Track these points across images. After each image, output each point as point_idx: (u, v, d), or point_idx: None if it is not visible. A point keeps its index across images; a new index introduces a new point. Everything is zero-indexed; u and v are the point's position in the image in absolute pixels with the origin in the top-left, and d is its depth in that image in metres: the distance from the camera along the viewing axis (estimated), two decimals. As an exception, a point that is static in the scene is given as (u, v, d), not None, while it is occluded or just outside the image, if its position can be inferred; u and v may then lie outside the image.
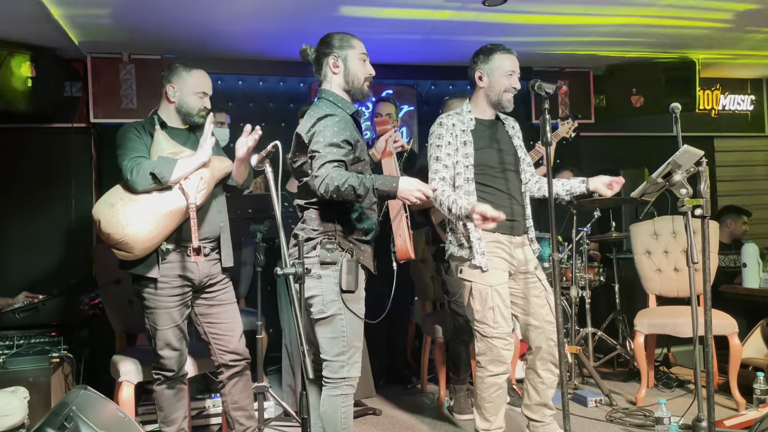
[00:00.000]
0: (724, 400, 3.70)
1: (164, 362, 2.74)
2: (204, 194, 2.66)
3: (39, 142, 4.41)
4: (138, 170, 2.55)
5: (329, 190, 2.31)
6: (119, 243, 2.55)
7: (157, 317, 2.69)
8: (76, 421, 2.02)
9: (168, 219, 2.59)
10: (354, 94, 2.56)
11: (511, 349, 2.77)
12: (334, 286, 2.42)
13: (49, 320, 3.61)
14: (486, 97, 2.85)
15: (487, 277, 2.72)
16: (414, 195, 2.34)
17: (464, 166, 2.76)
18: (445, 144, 2.78)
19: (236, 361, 2.88)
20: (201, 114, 2.78)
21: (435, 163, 2.79)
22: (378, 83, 5.06)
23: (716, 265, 4.15)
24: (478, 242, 2.72)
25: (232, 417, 2.91)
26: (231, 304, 2.89)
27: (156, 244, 2.62)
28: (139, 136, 2.69)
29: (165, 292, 2.68)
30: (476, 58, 2.86)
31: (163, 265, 2.66)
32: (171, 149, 2.67)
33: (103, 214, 2.56)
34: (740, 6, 3.87)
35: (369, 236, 2.54)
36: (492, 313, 2.72)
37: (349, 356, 2.45)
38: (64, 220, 4.42)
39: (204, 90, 2.79)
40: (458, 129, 2.79)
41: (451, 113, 2.87)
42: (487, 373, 2.77)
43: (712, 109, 5.77)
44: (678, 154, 2.49)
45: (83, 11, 3.51)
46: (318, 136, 2.39)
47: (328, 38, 2.56)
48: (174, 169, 2.57)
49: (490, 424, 2.83)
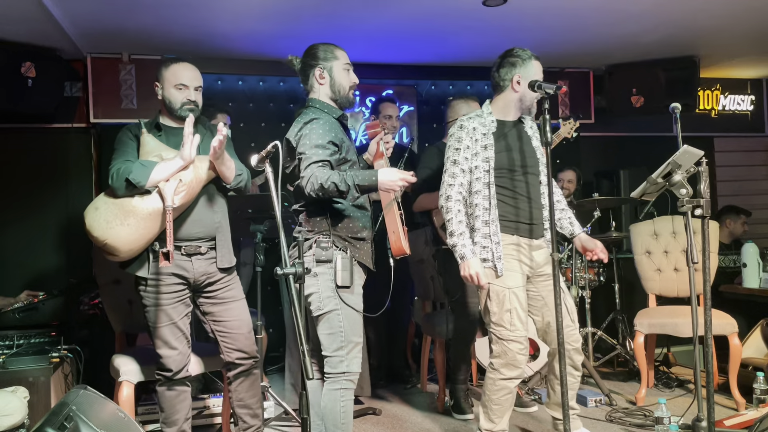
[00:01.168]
0: (724, 400, 3.70)
1: (162, 361, 2.74)
2: (184, 196, 2.63)
3: (39, 142, 4.41)
4: (117, 176, 2.58)
5: (314, 188, 2.42)
6: (103, 245, 2.60)
7: (152, 314, 2.72)
8: (76, 421, 2.03)
9: (149, 221, 2.60)
10: (341, 103, 2.67)
11: (526, 354, 2.77)
12: (329, 283, 2.49)
13: (49, 320, 3.61)
14: (518, 102, 2.84)
15: (505, 279, 2.73)
16: (397, 184, 2.47)
17: (484, 171, 2.76)
18: (464, 148, 2.79)
19: (243, 359, 2.86)
20: (186, 107, 2.75)
21: (452, 167, 2.80)
22: (378, 83, 5.06)
23: (716, 265, 4.16)
24: (497, 246, 2.73)
25: (237, 414, 2.92)
26: (237, 301, 2.89)
27: (141, 245, 2.64)
28: (131, 139, 2.73)
29: (160, 290, 2.69)
30: (513, 61, 2.82)
31: (154, 264, 2.68)
32: (158, 151, 2.68)
33: (89, 218, 2.61)
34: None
35: (363, 234, 2.60)
36: (509, 316, 2.71)
37: (347, 351, 2.50)
38: (64, 220, 4.42)
39: (182, 82, 2.74)
40: (479, 133, 2.78)
41: (472, 115, 2.86)
42: (500, 376, 2.75)
43: (712, 109, 5.77)
44: (678, 154, 2.50)
45: (83, 11, 3.51)
46: (304, 138, 2.50)
47: (313, 50, 2.65)
48: (150, 173, 2.58)
49: (494, 425, 2.81)
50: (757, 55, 5.05)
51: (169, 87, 2.75)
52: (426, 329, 3.99)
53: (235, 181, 2.83)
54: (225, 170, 2.76)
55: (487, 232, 2.73)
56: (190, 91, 2.77)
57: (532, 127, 2.95)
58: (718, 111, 5.79)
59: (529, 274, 2.81)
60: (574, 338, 2.84)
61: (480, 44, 4.46)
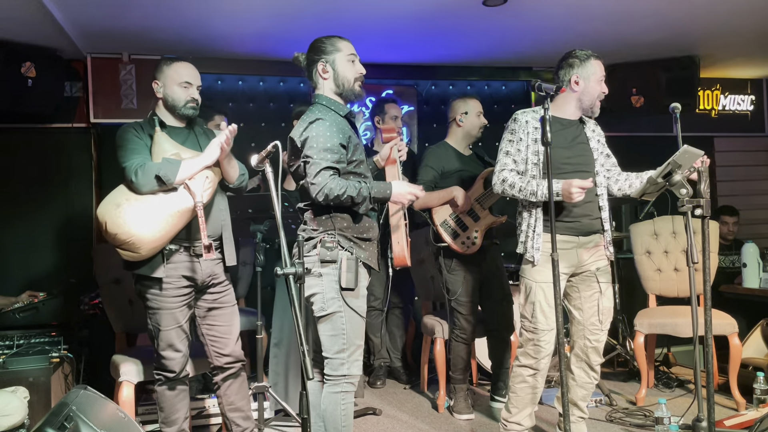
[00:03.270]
0: (724, 400, 3.70)
1: (166, 363, 2.74)
2: (209, 193, 2.68)
3: (39, 142, 4.41)
4: (142, 172, 2.55)
5: (328, 199, 2.39)
6: (125, 243, 2.54)
7: (160, 318, 2.69)
8: (76, 421, 2.02)
9: (176, 219, 2.60)
10: (346, 96, 2.59)
11: (545, 348, 2.83)
12: (334, 284, 2.45)
13: (49, 320, 3.61)
14: (578, 101, 2.90)
15: (534, 272, 2.82)
16: (407, 198, 2.52)
17: (532, 163, 2.83)
18: (517, 140, 2.87)
19: (231, 363, 2.89)
20: (189, 105, 2.77)
21: (504, 157, 2.89)
22: (378, 83, 5.06)
23: (716, 265, 4.15)
24: (537, 237, 2.80)
25: (229, 418, 2.92)
26: (230, 307, 2.90)
27: (163, 244, 2.62)
28: (138, 136, 2.69)
29: (169, 293, 2.68)
30: (571, 62, 2.88)
31: (167, 266, 2.67)
32: (173, 150, 2.67)
33: (109, 215, 2.54)
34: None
35: (369, 234, 2.56)
36: (532, 308, 2.83)
37: (349, 354, 2.47)
38: (64, 220, 4.42)
39: (186, 80, 2.76)
40: (531, 126, 2.85)
41: (527, 110, 2.93)
42: (517, 363, 2.91)
43: (712, 109, 5.77)
44: (678, 154, 2.49)
45: (83, 11, 3.51)
46: (311, 141, 2.43)
47: (316, 43, 2.59)
48: (178, 170, 2.58)
49: (510, 415, 2.93)
50: (757, 55, 5.05)
51: (172, 85, 2.74)
52: (426, 329, 3.99)
53: (237, 180, 2.84)
54: (230, 169, 2.78)
55: (530, 222, 2.83)
56: (193, 90, 2.78)
57: (594, 130, 3.01)
58: (718, 111, 5.79)
59: (567, 271, 2.86)
60: (596, 338, 2.92)
61: (480, 44, 4.46)
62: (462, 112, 3.66)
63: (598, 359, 2.94)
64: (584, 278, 2.92)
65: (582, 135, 2.94)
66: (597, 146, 2.97)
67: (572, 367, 2.96)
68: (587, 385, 2.96)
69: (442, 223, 3.54)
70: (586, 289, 2.92)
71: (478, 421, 3.55)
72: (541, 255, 2.80)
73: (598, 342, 2.92)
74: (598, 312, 2.90)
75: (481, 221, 3.54)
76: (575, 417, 2.97)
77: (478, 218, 3.54)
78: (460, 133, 3.70)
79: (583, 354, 2.93)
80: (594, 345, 2.91)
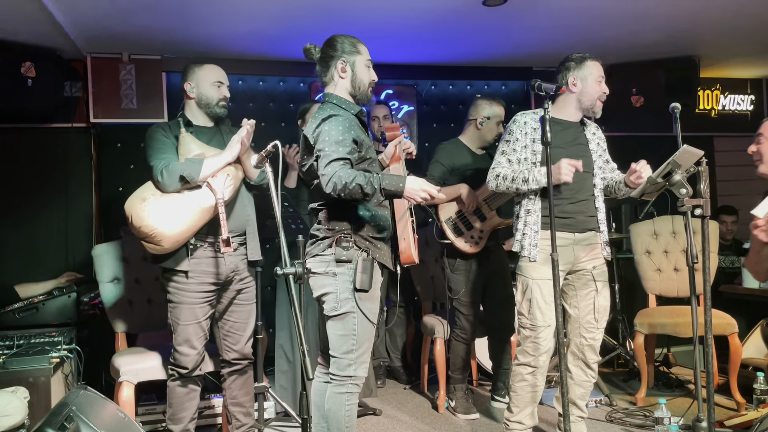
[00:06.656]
0: (724, 400, 3.70)
1: (180, 358, 2.79)
2: (231, 190, 2.77)
3: (39, 142, 4.41)
4: (167, 173, 2.67)
5: (337, 188, 2.33)
6: (148, 236, 2.65)
7: (179, 312, 2.77)
8: (76, 422, 2.03)
9: (198, 215, 2.70)
10: (359, 99, 2.61)
11: (543, 345, 2.84)
12: (348, 284, 2.44)
13: (49, 320, 3.62)
14: (577, 102, 2.93)
15: (531, 269, 2.84)
16: (420, 195, 2.40)
17: (531, 163, 2.86)
18: (513, 140, 2.91)
19: (239, 360, 2.98)
20: (221, 104, 2.90)
21: (499, 156, 2.93)
22: (378, 83, 5.02)
23: (716, 265, 4.15)
24: (535, 234, 2.82)
25: (231, 412, 3.00)
26: (249, 305, 2.99)
27: (185, 239, 2.72)
28: (166, 136, 2.80)
29: (191, 287, 2.76)
30: (568, 65, 2.93)
31: (191, 261, 2.75)
32: (197, 150, 2.77)
33: (135, 209, 2.66)
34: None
35: (384, 234, 2.55)
36: (528, 305, 2.85)
37: (357, 355, 2.47)
38: (64, 220, 4.42)
39: (219, 79, 2.90)
40: (529, 127, 2.89)
41: (527, 112, 2.97)
42: (516, 361, 2.92)
43: (712, 109, 5.77)
44: (678, 154, 2.49)
45: (83, 11, 3.51)
46: (323, 135, 2.42)
47: (337, 41, 2.56)
48: (201, 169, 2.69)
49: (512, 415, 2.94)
50: (757, 55, 5.05)
51: (205, 84, 2.87)
52: (426, 329, 3.99)
53: (258, 177, 2.91)
54: (249, 166, 2.84)
55: (528, 220, 2.85)
56: (225, 89, 2.92)
57: (594, 133, 3.03)
58: (718, 111, 5.79)
59: (564, 268, 2.87)
60: (592, 336, 2.94)
61: (480, 44, 4.46)
62: (485, 116, 3.62)
63: (594, 357, 2.95)
64: (580, 276, 2.94)
65: (582, 136, 2.97)
66: (596, 149, 2.98)
67: (569, 366, 2.98)
68: (585, 384, 2.97)
69: (447, 219, 3.55)
70: (583, 288, 2.94)
71: (478, 421, 3.55)
72: (539, 252, 2.81)
73: (594, 340, 2.94)
74: (594, 310, 2.92)
75: (487, 222, 3.54)
76: (575, 416, 2.98)
77: (484, 218, 3.54)
78: (475, 135, 3.68)
79: (579, 352, 2.95)
80: (590, 343, 2.93)
